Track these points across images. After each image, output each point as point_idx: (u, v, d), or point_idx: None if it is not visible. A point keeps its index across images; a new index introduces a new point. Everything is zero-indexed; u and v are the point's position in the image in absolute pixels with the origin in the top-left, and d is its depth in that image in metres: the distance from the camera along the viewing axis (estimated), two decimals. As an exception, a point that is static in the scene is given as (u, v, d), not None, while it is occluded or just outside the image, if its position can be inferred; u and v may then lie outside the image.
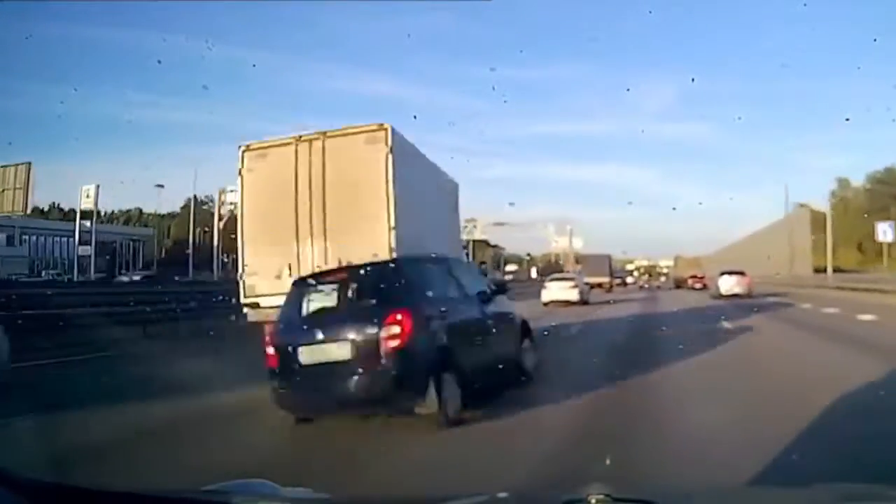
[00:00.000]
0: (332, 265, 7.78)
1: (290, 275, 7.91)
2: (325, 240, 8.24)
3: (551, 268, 54.64)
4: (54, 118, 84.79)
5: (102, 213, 53.70)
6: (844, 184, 66.37)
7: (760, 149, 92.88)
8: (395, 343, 5.71)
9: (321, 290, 6.48)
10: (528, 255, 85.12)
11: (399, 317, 5.77)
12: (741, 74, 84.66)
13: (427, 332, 6.09)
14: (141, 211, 76.73)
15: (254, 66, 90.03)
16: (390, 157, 8.03)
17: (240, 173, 8.77)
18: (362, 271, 6.58)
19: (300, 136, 8.54)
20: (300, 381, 5.92)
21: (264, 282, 8.37)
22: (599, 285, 47.31)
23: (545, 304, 25.34)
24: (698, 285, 39.97)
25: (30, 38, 54.49)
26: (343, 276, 6.61)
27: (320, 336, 5.92)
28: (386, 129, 8.14)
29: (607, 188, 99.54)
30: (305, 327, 6.10)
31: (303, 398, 6.01)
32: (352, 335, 5.83)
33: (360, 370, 5.73)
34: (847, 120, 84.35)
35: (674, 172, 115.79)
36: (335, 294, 6.38)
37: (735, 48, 75.13)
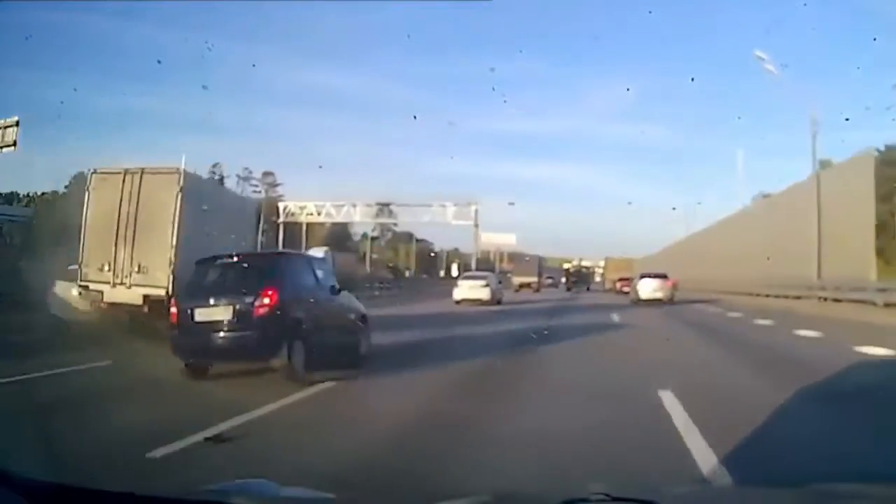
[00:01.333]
0: (135, 266, 11.27)
1: (108, 270, 11.38)
2: (133, 248, 11.39)
3: (483, 266, 53.72)
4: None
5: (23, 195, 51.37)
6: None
7: (714, 149, 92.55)
8: (263, 311, 7.61)
9: (218, 269, 8.46)
10: (443, 251, 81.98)
11: (270, 291, 7.70)
12: (695, 74, 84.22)
13: (287, 307, 7.90)
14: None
15: (253, 65, 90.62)
16: (180, 194, 11.36)
17: (87, 190, 11.91)
18: (249, 258, 8.93)
19: (127, 170, 11.79)
20: (192, 334, 7.73)
21: (94, 272, 11.49)
22: (528, 285, 48.20)
23: (457, 303, 25.97)
24: (626, 289, 33.47)
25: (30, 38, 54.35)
26: (234, 260, 8.61)
27: (212, 301, 7.83)
28: (179, 173, 11.65)
29: (553, 186, 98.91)
30: (202, 294, 8.00)
31: (192, 347, 7.82)
32: (234, 302, 7.70)
33: (237, 329, 7.61)
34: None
35: (627, 172, 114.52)
36: (229, 272, 8.36)
37: (691, 48, 75.02)
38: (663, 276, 27.65)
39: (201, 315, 7.74)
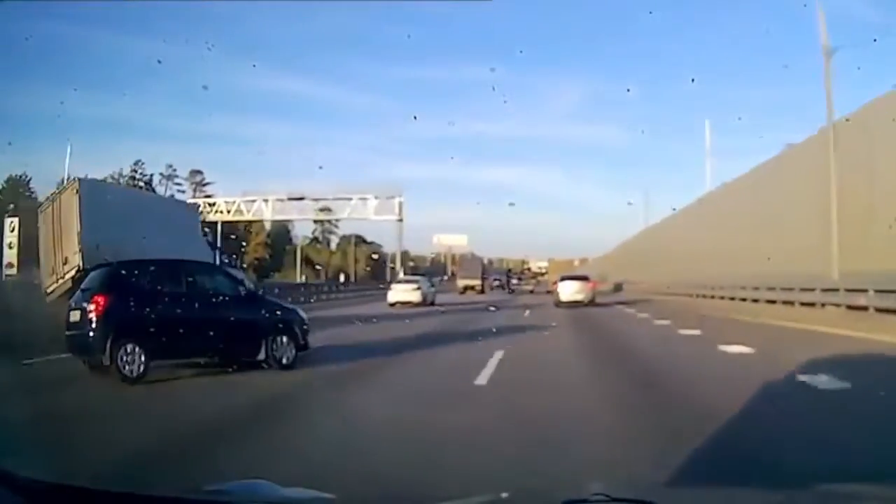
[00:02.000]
0: (63, 260, 13.13)
1: (54, 273, 13.39)
2: (61, 249, 13.42)
3: (435, 269, 52.75)
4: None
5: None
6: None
7: (664, 151, 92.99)
8: (92, 315, 8.62)
9: (85, 279, 9.85)
10: (386, 254, 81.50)
11: (98, 298, 8.71)
12: (645, 78, 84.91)
13: (118, 310, 8.74)
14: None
15: (254, 65, 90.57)
16: (78, 201, 13.14)
17: (40, 216, 14.43)
18: (97, 269, 9.76)
19: (57, 191, 14.48)
20: (68, 333, 9.09)
21: (48, 279, 13.67)
22: (472, 287, 49.01)
23: (391, 305, 28.28)
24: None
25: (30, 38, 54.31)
26: (84, 272, 10.75)
27: (73, 304, 9.28)
28: (77, 185, 13.61)
29: (511, 187, 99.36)
30: (75, 297, 9.50)
31: (68, 345, 9.21)
32: (82, 305, 8.92)
33: (79, 330, 8.83)
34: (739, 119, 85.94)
35: (579, 174, 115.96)
36: (93, 278, 9.49)
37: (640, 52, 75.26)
38: (584, 279, 29.32)
39: (70, 317, 9.11)
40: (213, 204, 51.04)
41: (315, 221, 70.47)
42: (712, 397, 6.78)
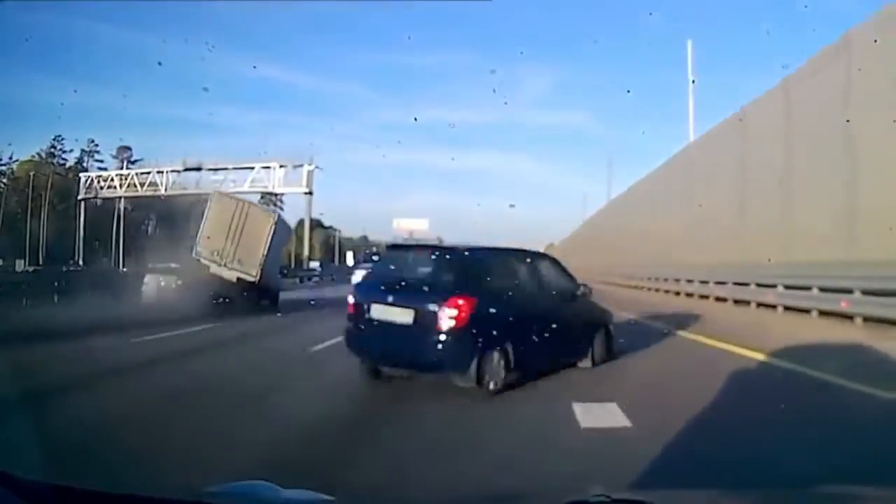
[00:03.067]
0: (236, 258, 17.82)
1: (217, 255, 17.70)
2: (236, 247, 17.73)
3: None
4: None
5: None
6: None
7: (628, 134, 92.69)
8: (451, 322, 6.72)
9: (388, 263, 8.50)
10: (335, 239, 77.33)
11: (461, 301, 6.76)
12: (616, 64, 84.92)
13: (484, 314, 6.92)
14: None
15: (254, 66, 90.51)
16: (272, 227, 18.32)
17: (209, 201, 18.74)
18: (421, 250, 8.05)
19: (239, 200, 19.29)
20: (377, 336, 7.21)
21: (206, 253, 17.81)
22: None
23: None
24: None
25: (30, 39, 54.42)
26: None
27: (389, 300, 7.19)
28: (274, 218, 18.80)
29: (476, 175, 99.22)
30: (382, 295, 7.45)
31: (379, 353, 7.39)
32: (425, 307, 6.94)
33: (416, 338, 6.90)
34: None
35: (550, 159, 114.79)
36: (399, 268, 7.96)
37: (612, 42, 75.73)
38: None
39: (386, 313, 7.11)
40: (106, 178, 46.97)
41: (229, 197, 66.87)
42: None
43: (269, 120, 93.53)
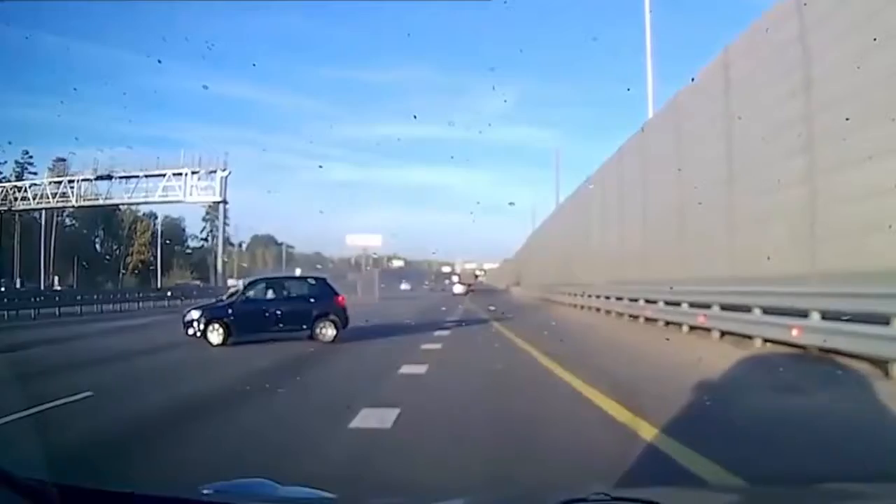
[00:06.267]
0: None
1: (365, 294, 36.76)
2: (364, 293, 35.24)
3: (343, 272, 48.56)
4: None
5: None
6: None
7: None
8: None
9: None
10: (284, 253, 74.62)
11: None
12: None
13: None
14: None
15: (254, 65, 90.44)
16: (378, 275, 44.18)
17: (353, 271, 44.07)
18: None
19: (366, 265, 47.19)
20: None
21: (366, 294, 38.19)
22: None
23: None
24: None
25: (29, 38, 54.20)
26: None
27: None
28: (378, 270, 45.89)
29: (430, 189, 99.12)
30: None
31: None
32: None
33: None
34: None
35: (506, 173, 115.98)
36: None
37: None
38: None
39: None
40: (20, 188, 44.37)
41: (126, 207, 59.23)
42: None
43: (224, 136, 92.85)
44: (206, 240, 72.16)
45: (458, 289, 56.52)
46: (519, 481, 4.14)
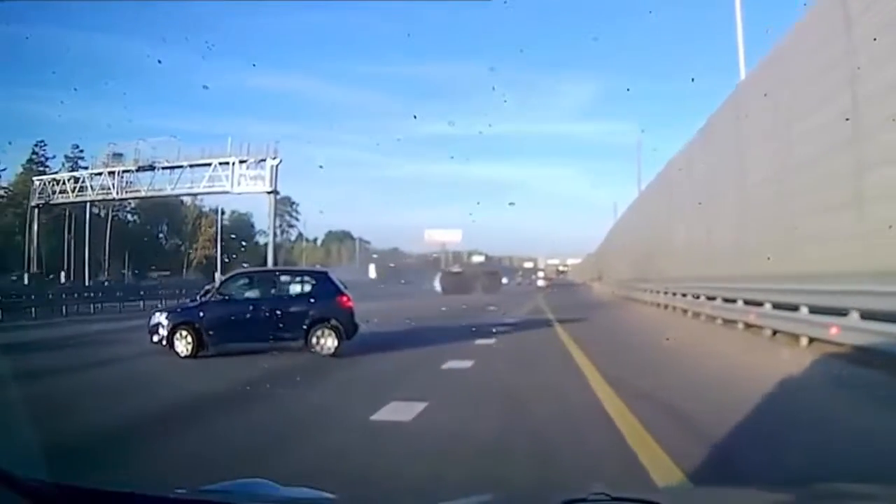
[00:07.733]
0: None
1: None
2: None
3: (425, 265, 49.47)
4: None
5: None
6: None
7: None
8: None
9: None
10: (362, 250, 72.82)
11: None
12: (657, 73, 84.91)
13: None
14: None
15: (254, 65, 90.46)
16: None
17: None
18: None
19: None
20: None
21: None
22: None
23: None
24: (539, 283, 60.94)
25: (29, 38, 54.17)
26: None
27: None
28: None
29: (508, 186, 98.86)
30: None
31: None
32: None
33: None
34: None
35: (593, 171, 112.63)
36: None
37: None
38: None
39: None
40: (59, 181, 42.88)
41: (191, 202, 57.27)
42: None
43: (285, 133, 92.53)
44: (275, 234, 73.78)
45: (541, 283, 63.11)
46: (519, 482, 4.14)
